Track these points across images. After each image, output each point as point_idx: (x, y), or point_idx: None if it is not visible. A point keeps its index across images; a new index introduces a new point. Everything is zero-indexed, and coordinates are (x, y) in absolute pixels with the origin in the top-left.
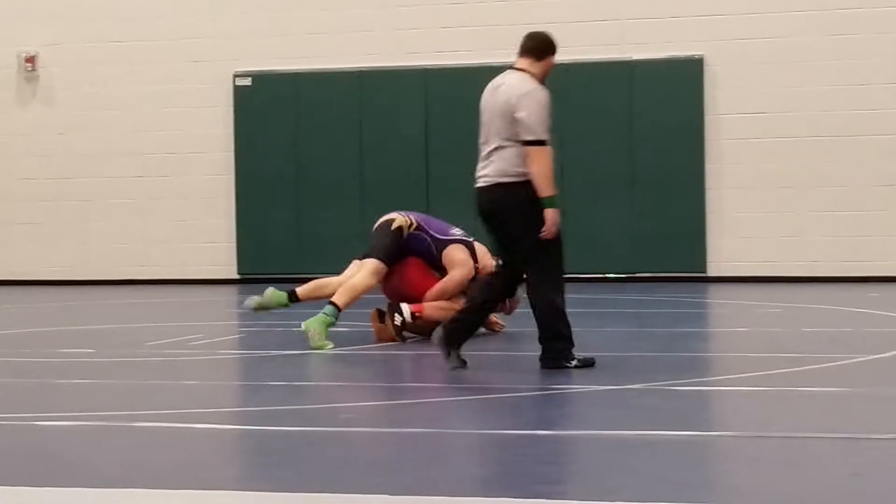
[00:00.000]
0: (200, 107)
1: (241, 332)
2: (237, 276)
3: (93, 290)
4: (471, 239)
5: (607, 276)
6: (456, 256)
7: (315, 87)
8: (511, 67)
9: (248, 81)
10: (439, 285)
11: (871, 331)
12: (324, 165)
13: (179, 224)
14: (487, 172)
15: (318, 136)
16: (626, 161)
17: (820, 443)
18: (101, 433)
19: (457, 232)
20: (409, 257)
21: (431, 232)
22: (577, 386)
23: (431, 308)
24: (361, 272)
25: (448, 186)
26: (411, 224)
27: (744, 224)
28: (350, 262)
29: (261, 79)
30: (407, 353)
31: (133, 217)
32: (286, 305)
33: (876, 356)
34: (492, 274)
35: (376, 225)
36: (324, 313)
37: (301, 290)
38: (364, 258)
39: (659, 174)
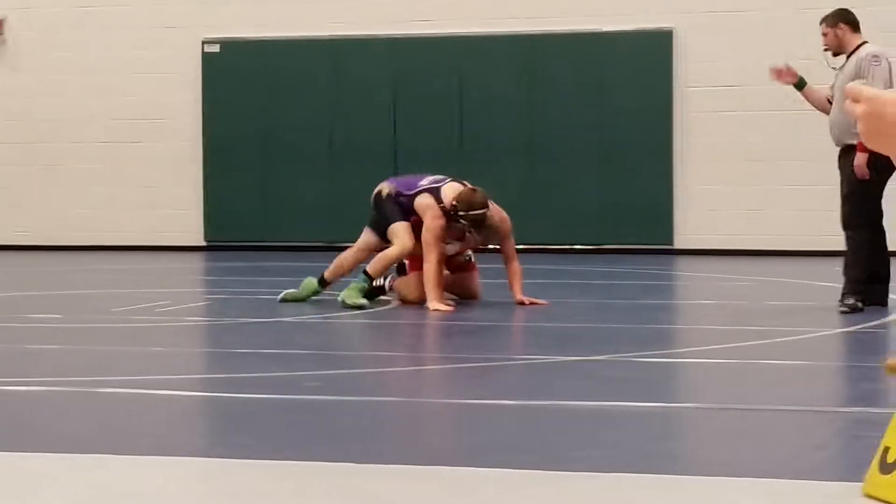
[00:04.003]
0: (169, 73)
1: (209, 299)
2: (204, 243)
3: (60, 256)
4: (439, 184)
5: (574, 247)
6: (420, 204)
7: (284, 54)
8: None
9: (216, 48)
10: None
11: (836, 305)
12: (292, 133)
13: (147, 190)
14: None
15: (286, 104)
16: (594, 133)
17: (784, 415)
18: (67, 398)
19: (424, 182)
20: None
21: (403, 192)
22: (544, 356)
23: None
24: (399, 237)
25: (416, 154)
26: (391, 192)
27: (711, 197)
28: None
29: (229, 46)
30: (375, 321)
31: (101, 183)
32: (318, 292)
33: (840, 330)
34: None
35: (372, 200)
36: (355, 281)
37: (327, 272)
38: (383, 228)
39: (627, 146)
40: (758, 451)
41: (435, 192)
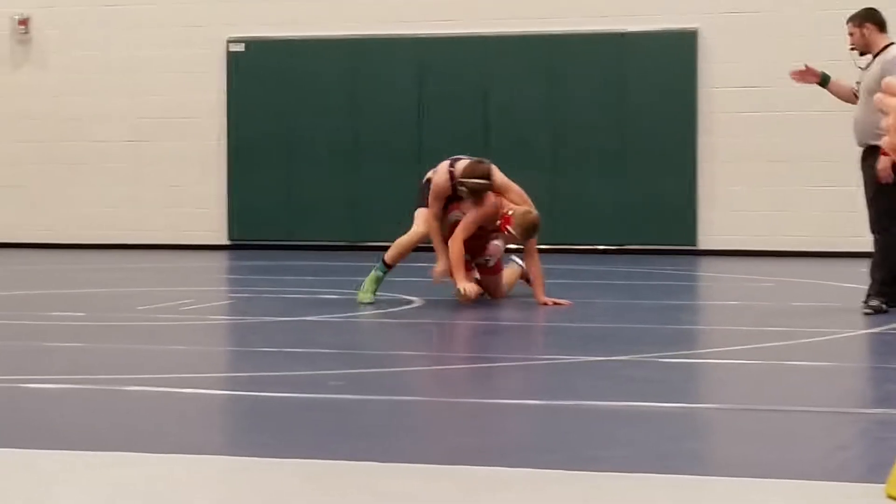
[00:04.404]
0: (194, 72)
1: (232, 297)
2: (228, 242)
3: (83, 254)
4: (459, 158)
5: (597, 247)
6: (435, 175)
7: (309, 53)
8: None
9: (241, 47)
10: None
11: (861, 306)
12: (316, 132)
13: (171, 189)
14: None
15: (311, 103)
16: (618, 133)
17: (807, 416)
18: (90, 396)
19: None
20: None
21: (431, 175)
22: (566, 356)
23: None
24: (416, 222)
25: (439, 153)
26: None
27: (735, 197)
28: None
29: (255, 45)
30: (397, 321)
31: (125, 181)
32: (384, 273)
33: (864, 331)
34: None
35: (422, 184)
36: (373, 270)
37: (387, 255)
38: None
39: (651, 146)
40: (780, 452)
41: (453, 163)
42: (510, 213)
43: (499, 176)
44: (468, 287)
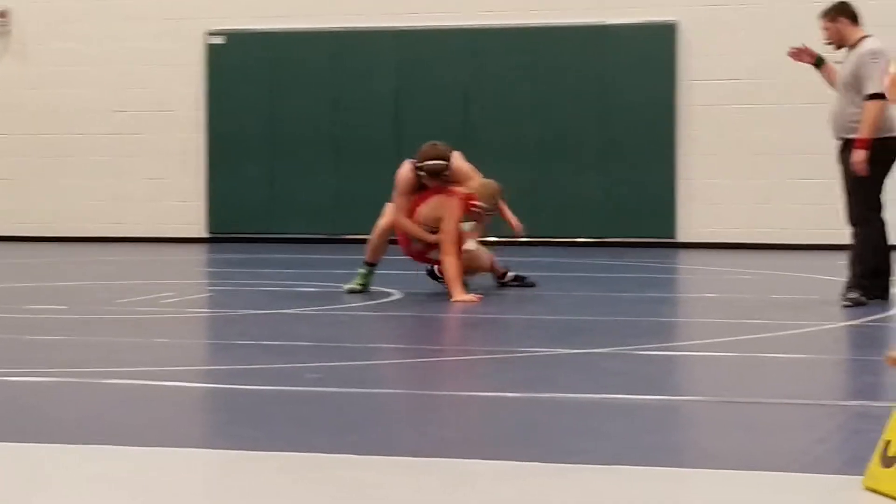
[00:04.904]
0: (173, 65)
1: (211, 290)
2: (207, 235)
3: (64, 247)
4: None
5: (577, 240)
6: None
7: (289, 46)
8: None
9: (221, 40)
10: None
11: (839, 299)
12: (296, 125)
13: (151, 182)
14: None
15: (291, 96)
16: (598, 126)
17: (786, 409)
18: (71, 389)
19: None
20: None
21: None
22: (546, 349)
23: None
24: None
25: (420, 147)
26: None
27: (715, 190)
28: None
29: (234, 37)
30: (377, 314)
31: (105, 174)
32: (368, 272)
33: (843, 324)
34: None
35: None
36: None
37: (366, 256)
38: None
39: (631, 139)
40: (759, 444)
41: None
42: (468, 192)
43: (459, 161)
44: (468, 298)
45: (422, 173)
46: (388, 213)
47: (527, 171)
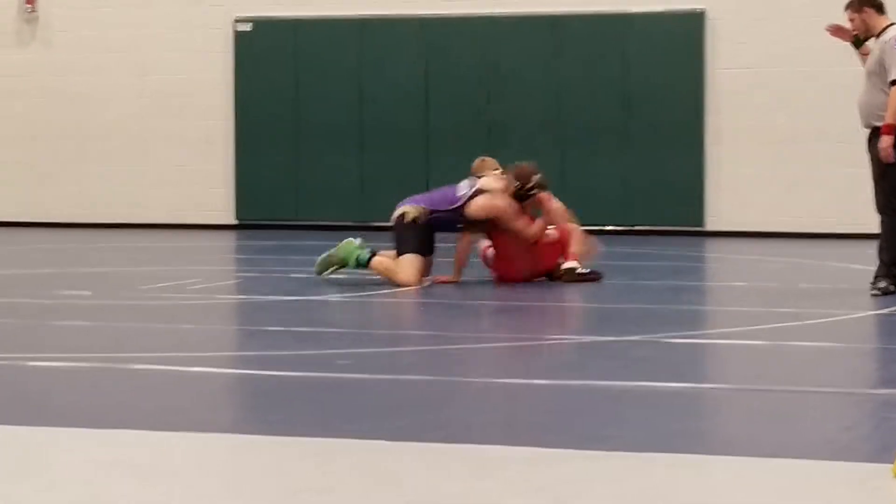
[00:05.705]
0: (200, 51)
1: (239, 277)
2: (235, 222)
3: (89, 233)
4: (474, 184)
5: (604, 228)
6: (479, 206)
7: (315, 33)
8: None
9: (248, 27)
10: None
11: (868, 288)
12: (323, 112)
13: (177, 168)
14: None
15: (317, 83)
16: (625, 114)
17: (813, 397)
18: (97, 374)
19: (462, 187)
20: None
21: (441, 208)
22: (574, 336)
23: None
24: (403, 269)
25: (445, 135)
26: (424, 211)
27: (742, 178)
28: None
29: (261, 24)
30: (407, 300)
31: (131, 160)
32: (358, 265)
33: (872, 312)
34: None
35: (393, 221)
36: (359, 247)
37: (377, 262)
38: (398, 254)
39: (658, 128)
40: (787, 432)
41: (472, 192)
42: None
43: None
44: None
45: (535, 189)
46: (414, 273)
47: (553, 160)
